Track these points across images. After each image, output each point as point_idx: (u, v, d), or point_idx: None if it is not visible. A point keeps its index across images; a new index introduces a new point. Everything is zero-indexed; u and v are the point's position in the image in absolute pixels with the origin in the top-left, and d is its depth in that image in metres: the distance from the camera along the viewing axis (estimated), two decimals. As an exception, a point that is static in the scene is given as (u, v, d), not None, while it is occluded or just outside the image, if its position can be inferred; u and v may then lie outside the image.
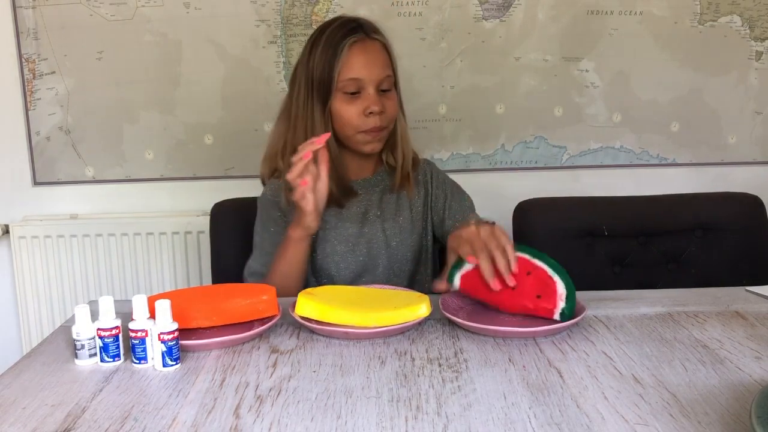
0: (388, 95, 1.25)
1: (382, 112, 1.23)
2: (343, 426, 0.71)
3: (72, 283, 1.93)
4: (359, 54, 1.22)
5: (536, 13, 1.88)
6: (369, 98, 1.22)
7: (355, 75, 1.21)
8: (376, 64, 1.22)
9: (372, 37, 1.24)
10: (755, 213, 1.48)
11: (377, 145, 1.27)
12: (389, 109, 1.24)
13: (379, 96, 1.23)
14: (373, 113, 1.22)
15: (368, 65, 1.22)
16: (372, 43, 1.23)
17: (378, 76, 1.22)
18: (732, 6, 1.90)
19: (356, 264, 1.29)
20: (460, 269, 1.04)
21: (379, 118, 1.23)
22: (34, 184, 1.94)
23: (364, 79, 1.21)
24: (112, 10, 1.84)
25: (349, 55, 1.21)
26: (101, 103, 1.89)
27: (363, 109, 1.22)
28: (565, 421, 0.71)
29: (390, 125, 1.27)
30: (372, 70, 1.22)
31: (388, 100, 1.24)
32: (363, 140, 1.25)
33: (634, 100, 1.95)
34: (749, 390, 0.77)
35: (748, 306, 1.07)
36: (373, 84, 1.22)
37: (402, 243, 1.32)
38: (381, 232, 1.31)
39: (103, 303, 0.89)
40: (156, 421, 0.73)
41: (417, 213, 1.34)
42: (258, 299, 1.00)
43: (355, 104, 1.22)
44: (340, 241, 1.29)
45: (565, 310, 0.97)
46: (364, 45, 1.22)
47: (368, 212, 1.31)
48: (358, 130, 1.23)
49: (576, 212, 1.51)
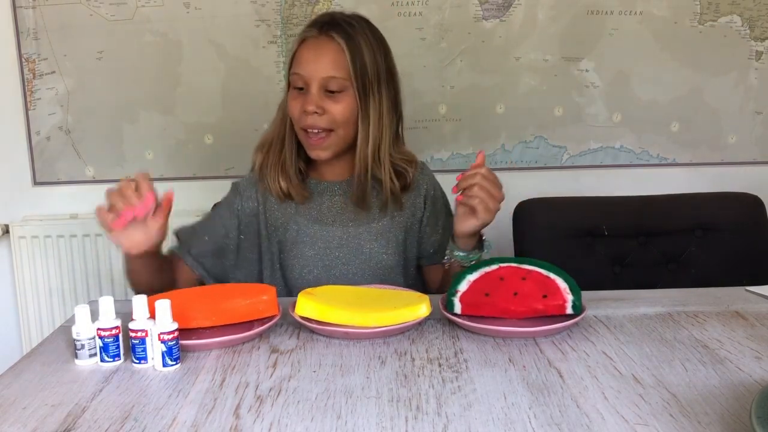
0: (336, 97, 1.19)
1: (316, 113, 1.18)
2: (343, 426, 0.71)
3: (72, 283, 1.93)
4: (308, 50, 1.20)
5: (536, 13, 1.88)
6: (307, 96, 1.19)
7: (298, 70, 1.20)
8: (321, 62, 1.18)
9: (328, 34, 1.19)
10: (755, 213, 1.48)
11: (321, 152, 1.22)
12: (334, 112, 1.19)
13: (323, 97, 1.19)
14: (307, 112, 1.18)
15: (313, 62, 1.18)
16: (326, 42, 1.19)
17: (320, 74, 1.18)
18: (732, 6, 1.90)
19: (322, 267, 1.26)
20: (456, 295, 1.01)
21: (315, 119, 1.18)
22: (34, 184, 1.94)
23: (306, 75, 1.19)
24: (112, 10, 1.84)
25: (300, 50, 1.21)
26: (101, 103, 1.89)
27: (301, 106, 1.20)
28: (565, 421, 0.71)
29: (339, 129, 1.21)
30: (315, 68, 1.18)
31: (333, 102, 1.19)
32: (306, 142, 1.23)
33: (634, 100, 1.95)
34: (749, 390, 0.77)
35: (748, 306, 1.07)
36: (315, 82, 1.18)
37: (377, 250, 1.28)
38: (353, 236, 1.27)
39: (103, 303, 0.89)
40: (156, 421, 0.73)
41: (398, 223, 1.30)
42: (258, 299, 1.00)
43: (298, 101, 1.20)
44: (307, 243, 1.26)
45: (575, 301, 0.97)
46: (317, 42, 1.20)
47: (342, 215, 1.28)
48: (300, 125, 1.22)
49: (576, 212, 1.51)
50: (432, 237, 1.35)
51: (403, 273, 1.31)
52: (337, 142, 1.22)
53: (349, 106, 1.20)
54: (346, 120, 1.21)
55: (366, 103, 1.20)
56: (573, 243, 1.47)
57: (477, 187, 1.11)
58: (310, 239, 1.27)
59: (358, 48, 1.19)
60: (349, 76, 1.19)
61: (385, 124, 1.23)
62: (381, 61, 1.22)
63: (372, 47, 1.21)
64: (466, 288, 1.02)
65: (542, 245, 1.45)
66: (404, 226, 1.31)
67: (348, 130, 1.22)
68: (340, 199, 1.29)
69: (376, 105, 1.21)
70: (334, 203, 1.29)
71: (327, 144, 1.22)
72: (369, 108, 1.21)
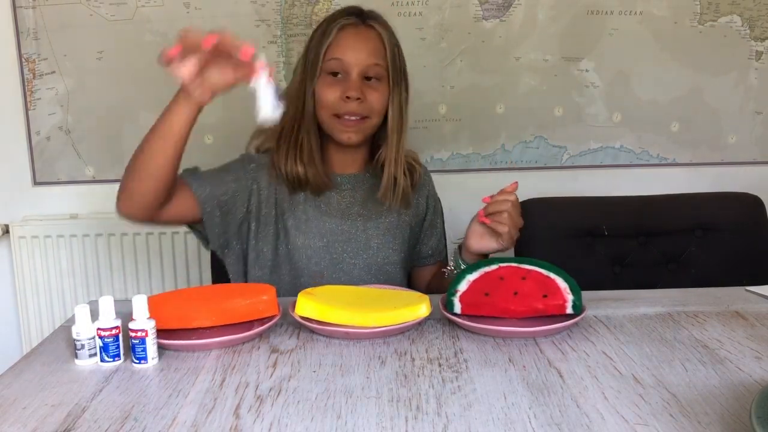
0: (374, 85, 1.20)
1: (359, 99, 1.18)
2: (343, 426, 0.71)
3: (72, 283, 1.93)
4: (348, 37, 1.19)
5: (536, 13, 1.88)
6: (349, 82, 1.18)
7: (339, 55, 1.19)
8: (363, 49, 1.19)
9: (367, 23, 1.21)
10: (755, 213, 1.48)
11: (353, 135, 1.21)
12: (372, 100, 1.20)
13: (363, 83, 1.19)
14: (350, 98, 1.18)
15: (354, 48, 1.19)
16: (366, 30, 1.20)
17: (363, 61, 1.18)
18: (732, 6, 1.90)
19: (329, 260, 1.25)
20: (455, 294, 1.02)
21: (356, 105, 1.18)
22: (34, 184, 1.94)
23: (348, 61, 1.18)
24: (112, 10, 1.84)
25: (338, 36, 1.19)
26: (101, 103, 1.89)
27: (341, 93, 1.19)
28: (565, 421, 0.71)
29: (373, 117, 1.21)
30: (357, 55, 1.18)
31: (372, 90, 1.20)
32: (338, 127, 1.21)
33: (634, 100, 1.95)
34: (749, 390, 0.77)
35: (748, 306, 1.07)
36: (356, 69, 1.19)
37: (384, 246, 1.28)
38: (362, 231, 1.27)
39: (103, 303, 0.89)
40: (156, 421, 0.73)
41: (404, 221, 1.31)
42: (258, 299, 1.00)
43: (335, 87, 1.19)
44: (315, 235, 1.25)
45: (575, 301, 0.97)
46: (357, 29, 1.20)
47: (351, 209, 1.28)
48: (333, 112, 1.20)
49: (576, 212, 1.51)
50: (431, 239, 1.35)
51: (403, 271, 1.31)
52: (367, 128, 1.23)
53: (384, 95, 1.22)
54: (381, 108, 1.22)
55: (394, 93, 1.22)
56: (573, 243, 1.47)
57: (507, 215, 1.12)
58: (318, 231, 1.25)
59: (393, 39, 1.22)
60: (387, 65, 1.21)
61: (406, 117, 1.25)
62: (403, 58, 1.25)
63: (397, 43, 1.24)
64: (466, 288, 1.02)
65: (542, 245, 1.45)
66: (409, 224, 1.32)
67: (379, 118, 1.23)
68: (349, 193, 1.29)
69: (398, 97, 1.23)
70: (343, 197, 1.29)
71: (361, 128, 1.22)
72: (395, 98, 1.23)
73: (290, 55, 1.87)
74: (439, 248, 1.38)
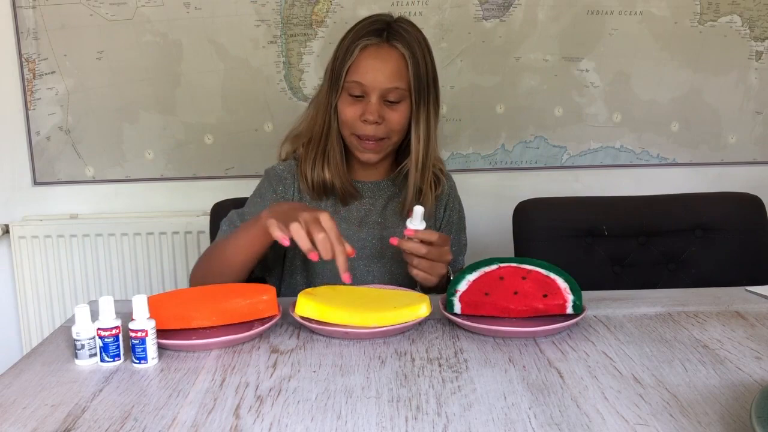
0: (395, 107, 1.20)
1: (377, 123, 1.19)
2: (343, 426, 0.71)
3: (72, 283, 1.93)
4: (369, 59, 1.18)
5: (536, 13, 1.88)
6: (368, 105, 1.18)
7: (359, 79, 1.18)
8: (383, 72, 1.17)
9: (391, 44, 1.18)
10: (755, 213, 1.48)
11: (371, 156, 1.23)
12: (392, 121, 1.20)
13: (382, 106, 1.19)
14: (367, 121, 1.18)
15: (375, 72, 1.17)
16: (388, 51, 1.18)
17: (382, 85, 1.17)
18: (732, 6, 1.90)
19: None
20: (455, 294, 1.01)
21: (374, 128, 1.19)
22: (34, 184, 1.94)
23: (368, 84, 1.18)
24: (112, 10, 1.84)
25: (359, 57, 1.18)
26: (101, 103, 1.89)
27: (360, 114, 1.19)
28: (565, 421, 0.71)
29: (393, 137, 1.22)
30: (377, 78, 1.17)
31: (392, 111, 1.19)
32: (356, 147, 1.23)
33: (634, 100, 1.95)
34: (749, 390, 0.77)
35: (748, 306, 1.07)
36: (376, 92, 1.18)
37: (397, 255, 1.26)
38: (378, 240, 1.27)
39: (103, 303, 0.89)
40: (156, 421, 0.73)
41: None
42: (258, 299, 1.00)
43: (355, 107, 1.20)
44: None
45: (576, 301, 0.97)
46: (379, 51, 1.18)
47: (369, 217, 1.28)
48: (352, 132, 1.21)
49: (576, 212, 1.51)
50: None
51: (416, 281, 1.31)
52: (387, 147, 1.23)
53: (405, 114, 1.21)
54: (401, 128, 1.22)
55: (419, 110, 1.21)
56: (573, 243, 1.47)
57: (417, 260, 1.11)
58: None
59: (416, 57, 1.19)
60: (409, 86, 1.19)
61: (432, 128, 1.24)
62: (431, 67, 1.23)
63: (425, 53, 1.21)
64: (466, 287, 1.02)
65: (542, 245, 1.45)
66: None
67: (400, 136, 1.23)
68: (369, 201, 1.29)
69: (425, 111, 1.22)
70: (362, 204, 1.29)
71: (379, 149, 1.23)
72: (420, 115, 1.21)
73: (290, 55, 1.87)
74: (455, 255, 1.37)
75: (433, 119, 1.24)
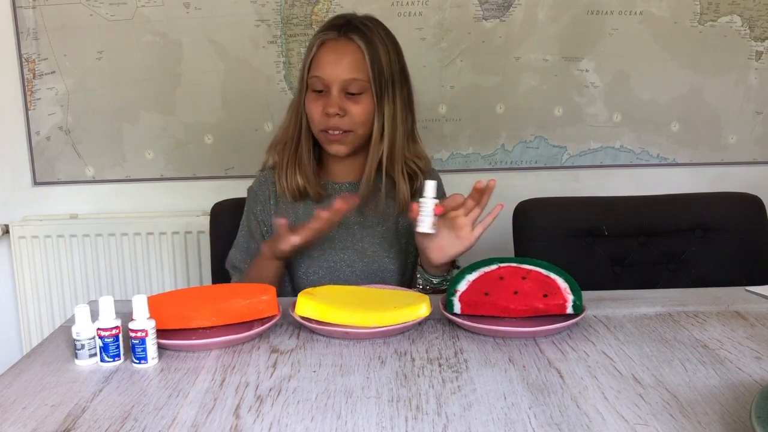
0: (357, 99, 1.21)
1: (338, 115, 1.20)
2: (343, 426, 0.71)
3: (72, 283, 1.93)
4: (327, 53, 1.21)
5: (536, 13, 1.88)
6: (329, 99, 1.21)
7: (318, 73, 1.21)
8: (341, 65, 1.20)
9: (348, 36, 1.21)
10: (755, 213, 1.48)
11: (341, 148, 1.24)
12: (354, 113, 1.21)
13: (344, 99, 1.21)
14: (329, 114, 1.20)
15: (333, 65, 1.20)
16: (345, 44, 1.21)
17: (340, 76, 1.20)
18: (732, 6, 1.90)
19: (326, 269, 1.27)
20: (455, 294, 1.01)
21: (337, 120, 1.21)
22: (34, 184, 1.94)
23: (327, 78, 1.20)
24: (112, 10, 1.84)
25: (318, 53, 1.21)
26: (101, 103, 1.89)
27: (323, 109, 1.21)
28: (565, 421, 0.71)
29: (357, 130, 1.23)
30: (335, 71, 1.20)
31: (354, 104, 1.21)
32: (324, 140, 1.24)
33: (634, 100, 1.95)
34: (749, 390, 0.77)
35: (748, 306, 1.07)
36: (336, 85, 1.20)
37: (379, 254, 1.28)
38: (358, 239, 1.28)
39: (103, 303, 0.89)
40: (156, 421, 0.73)
41: (404, 226, 1.31)
42: (258, 299, 1.00)
43: (318, 102, 1.22)
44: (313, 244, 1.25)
45: (576, 301, 0.97)
46: (336, 44, 1.21)
47: (347, 217, 1.28)
48: (320, 128, 1.23)
49: (576, 212, 1.51)
50: None
51: (400, 278, 1.31)
52: (355, 140, 1.25)
53: (368, 107, 1.22)
54: (365, 120, 1.23)
55: (382, 102, 1.23)
56: (573, 243, 1.47)
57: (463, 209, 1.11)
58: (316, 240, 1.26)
59: (375, 49, 1.21)
60: (368, 78, 1.21)
61: (399, 123, 1.25)
62: (395, 62, 1.24)
63: (387, 48, 1.23)
64: (466, 287, 1.02)
65: (542, 245, 1.45)
66: (407, 231, 1.31)
67: (366, 129, 1.25)
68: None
69: (390, 104, 1.23)
70: None
71: (346, 141, 1.24)
72: (384, 108, 1.23)
73: (290, 55, 1.87)
74: None
75: (401, 113, 1.25)
